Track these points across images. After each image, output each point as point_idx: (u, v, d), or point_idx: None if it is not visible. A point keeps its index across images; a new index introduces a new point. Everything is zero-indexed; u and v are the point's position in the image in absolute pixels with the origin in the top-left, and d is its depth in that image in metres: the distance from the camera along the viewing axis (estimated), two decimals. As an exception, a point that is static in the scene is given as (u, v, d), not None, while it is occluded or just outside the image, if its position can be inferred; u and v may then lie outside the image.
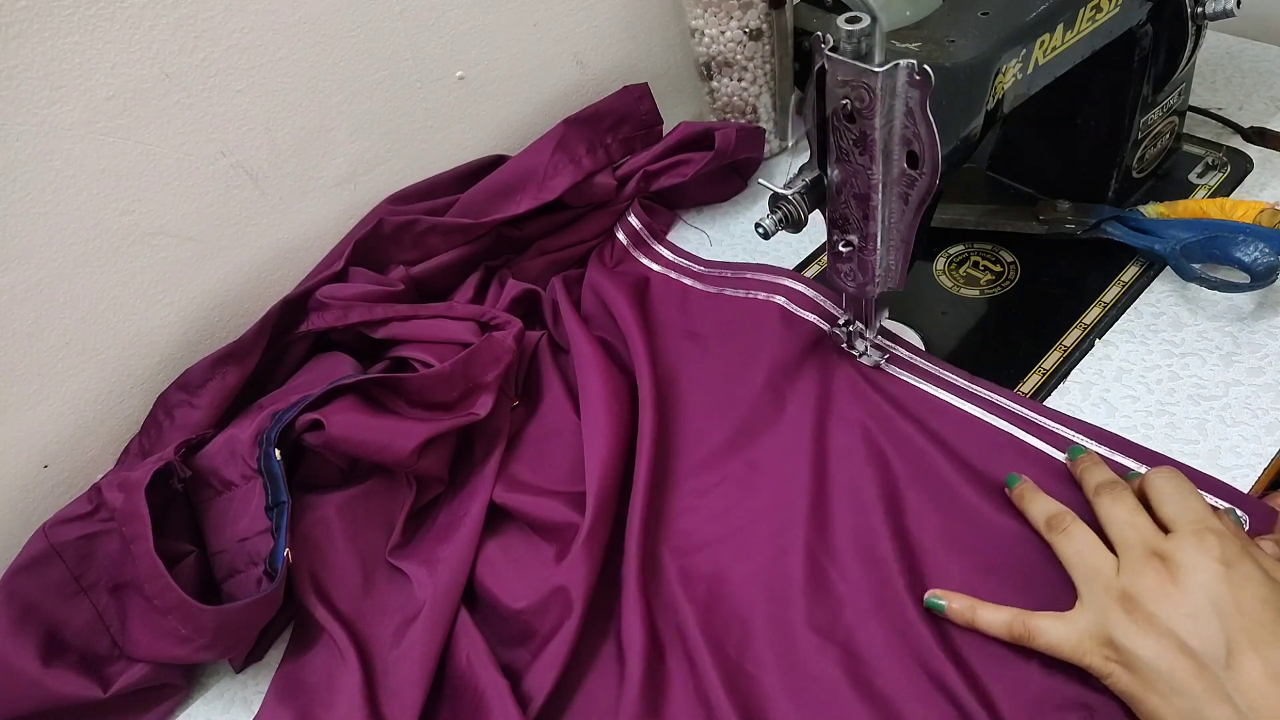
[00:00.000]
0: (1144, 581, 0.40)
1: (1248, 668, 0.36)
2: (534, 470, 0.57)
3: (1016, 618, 0.43)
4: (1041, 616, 0.43)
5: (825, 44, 0.45)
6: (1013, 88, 0.50)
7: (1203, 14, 0.57)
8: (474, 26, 0.68)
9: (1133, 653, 0.39)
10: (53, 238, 0.54)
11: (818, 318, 0.62)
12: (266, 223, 0.63)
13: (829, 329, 0.60)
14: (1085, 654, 0.41)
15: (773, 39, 0.72)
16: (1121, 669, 0.39)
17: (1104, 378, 0.56)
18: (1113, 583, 0.41)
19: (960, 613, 0.45)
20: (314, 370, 0.61)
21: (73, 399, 0.58)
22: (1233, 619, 0.37)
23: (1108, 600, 0.41)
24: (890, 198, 0.48)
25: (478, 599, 0.52)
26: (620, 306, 0.63)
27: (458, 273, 0.67)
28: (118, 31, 0.52)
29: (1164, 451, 0.51)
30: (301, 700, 0.49)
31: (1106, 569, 0.42)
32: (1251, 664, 0.36)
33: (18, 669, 0.47)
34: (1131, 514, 0.43)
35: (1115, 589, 0.41)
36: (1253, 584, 0.38)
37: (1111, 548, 0.43)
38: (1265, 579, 0.39)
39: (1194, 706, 0.37)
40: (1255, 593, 0.38)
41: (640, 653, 0.46)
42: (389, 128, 0.67)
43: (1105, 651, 0.40)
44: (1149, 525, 0.42)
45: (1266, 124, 0.70)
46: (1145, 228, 0.61)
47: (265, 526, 0.51)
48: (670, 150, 0.72)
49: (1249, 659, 0.36)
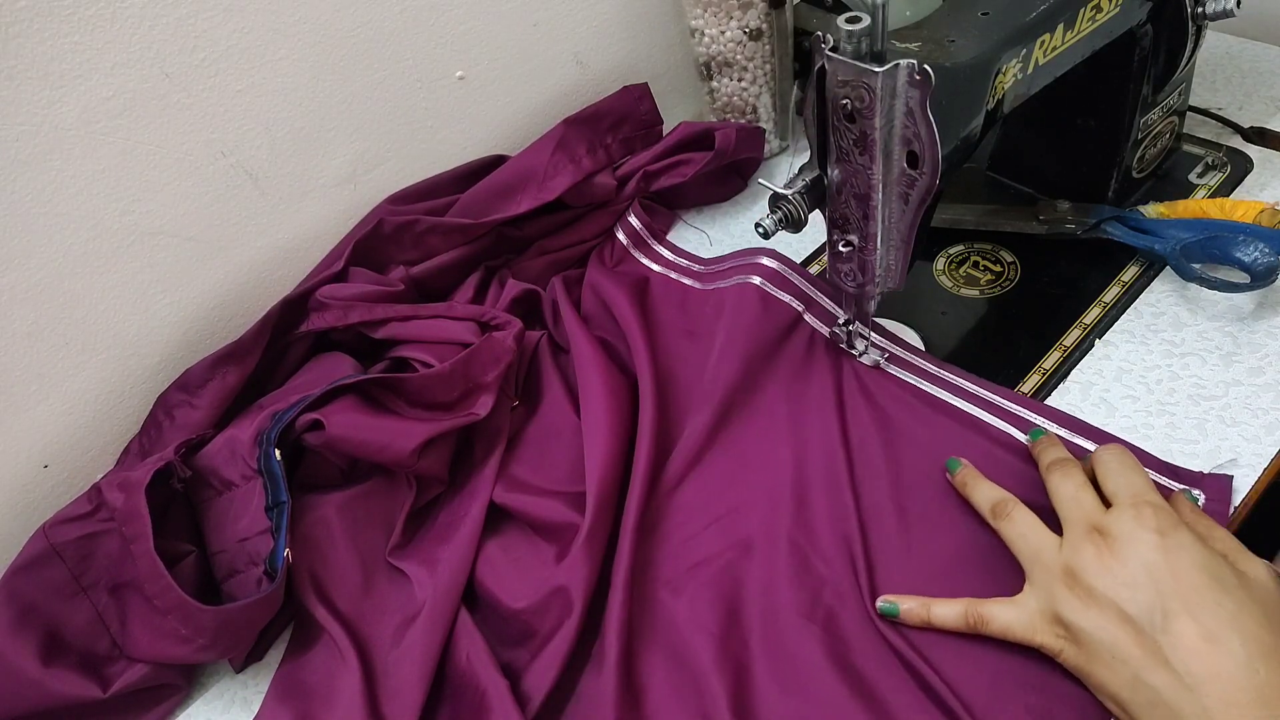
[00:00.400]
0: (1084, 556, 0.41)
1: (1182, 630, 0.37)
2: (534, 470, 0.57)
3: (969, 608, 0.44)
4: (992, 603, 0.44)
5: (825, 44, 0.45)
6: (1013, 88, 0.50)
7: (1203, 14, 0.57)
8: (474, 26, 0.68)
9: (1078, 627, 0.40)
10: (52, 238, 0.54)
11: (791, 297, 0.62)
12: (266, 223, 0.63)
13: (829, 330, 0.60)
14: (1036, 634, 0.42)
15: (773, 39, 0.72)
16: (1070, 644, 0.41)
17: (1104, 378, 0.56)
18: (1056, 560, 0.42)
19: (914, 612, 0.45)
20: (314, 370, 0.61)
21: (73, 399, 0.58)
22: (1168, 585, 0.38)
23: (1052, 578, 0.42)
24: (890, 198, 0.48)
25: (478, 599, 0.52)
26: (621, 306, 0.63)
27: (458, 273, 0.67)
28: (118, 31, 0.52)
29: (1164, 452, 0.51)
30: (301, 700, 0.49)
31: (1049, 548, 0.43)
32: (1186, 626, 0.37)
33: (18, 669, 0.47)
34: (1077, 490, 0.44)
35: (1058, 566, 0.42)
36: (1187, 551, 0.39)
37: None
38: (1200, 546, 0.40)
39: (1134, 673, 0.38)
40: (1190, 559, 0.39)
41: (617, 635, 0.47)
42: (389, 128, 0.67)
43: (1055, 629, 0.41)
44: (1093, 501, 0.44)
45: (1266, 124, 0.70)
46: (1145, 228, 0.61)
47: (265, 526, 0.51)
48: (670, 150, 0.72)
49: (1183, 622, 0.37)
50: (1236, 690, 0.36)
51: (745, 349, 0.59)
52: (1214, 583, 0.38)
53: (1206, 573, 0.39)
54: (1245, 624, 0.37)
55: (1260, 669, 0.36)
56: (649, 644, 0.48)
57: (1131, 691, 0.38)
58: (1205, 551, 0.40)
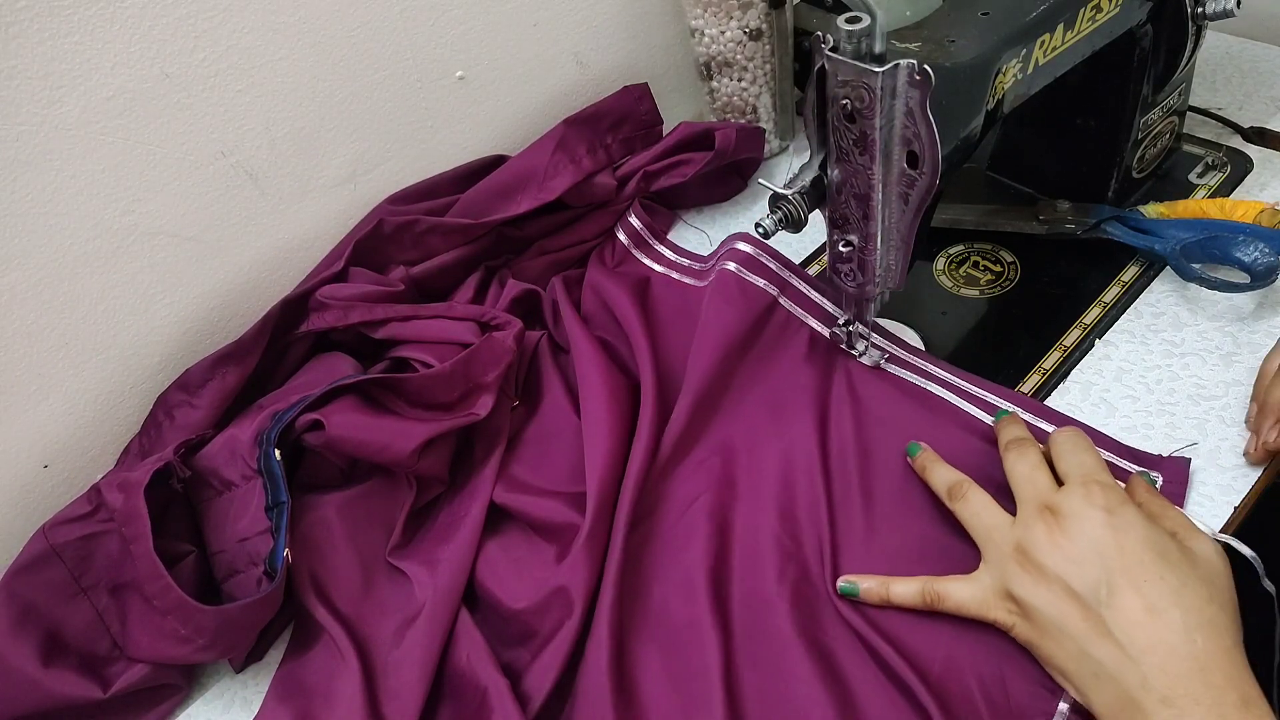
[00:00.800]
0: (1035, 534, 0.42)
1: (1126, 603, 0.38)
2: (534, 470, 0.57)
3: (926, 585, 0.45)
4: (948, 580, 0.45)
5: (825, 44, 0.45)
6: (1013, 88, 0.50)
7: (1203, 14, 0.57)
8: (474, 26, 0.68)
9: (1028, 603, 0.41)
10: (53, 238, 0.54)
11: (766, 282, 0.61)
12: (266, 223, 0.63)
13: (829, 331, 0.60)
14: (989, 609, 0.43)
15: (773, 39, 0.72)
16: (1021, 619, 0.42)
17: (1104, 378, 0.56)
18: (1008, 538, 0.43)
19: (874, 591, 0.47)
20: (314, 370, 0.61)
21: (73, 399, 0.58)
22: (1114, 560, 0.40)
23: (1005, 556, 0.43)
24: (890, 198, 0.48)
25: (478, 599, 0.52)
26: (622, 306, 0.63)
27: (458, 273, 0.67)
28: (118, 31, 0.52)
29: (1164, 451, 0.51)
30: (301, 701, 0.49)
31: (1002, 527, 0.44)
32: (1130, 599, 0.38)
33: (18, 669, 0.47)
34: (1031, 469, 0.46)
35: (1010, 544, 0.43)
36: (1134, 528, 0.40)
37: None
38: (1146, 523, 0.41)
39: (1080, 646, 0.39)
40: (1135, 536, 0.40)
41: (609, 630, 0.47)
42: (389, 128, 0.67)
43: (1008, 605, 0.43)
44: (1046, 480, 0.45)
45: (1266, 124, 0.70)
46: (1145, 228, 0.61)
47: (265, 527, 0.51)
48: (670, 150, 0.72)
49: (1128, 595, 0.39)
50: (1175, 659, 0.37)
51: (720, 335, 0.59)
52: (1158, 558, 0.39)
53: (1151, 549, 0.40)
54: (1187, 597, 0.38)
55: (1199, 639, 0.37)
56: (642, 637, 0.48)
57: (1077, 663, 0.39)
58: (1151, 529, 0.41)
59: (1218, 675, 0.37)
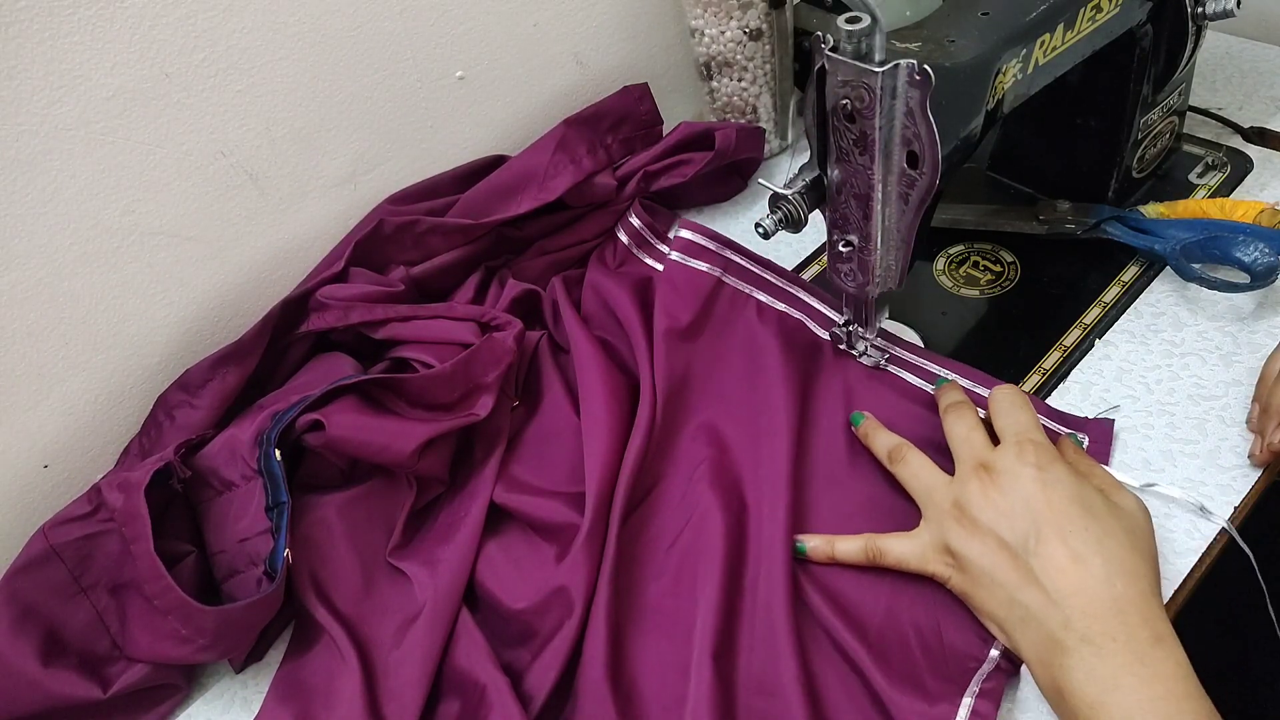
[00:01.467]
0: (970, 490, 0.45)
1: (1052, 551, 0.41)
2: (534, 471, 0.57)
3: (868, 541, 0.48)
4: (889, 537, 0.48)
5: (825, 44, 0.45)
6: (1013, 88, 0.50)
7: (1203, 14, 0.57)
8: (474, 26, 0.68)
9: (963, 555, 0.44)
10: (53, 238, 0.54)
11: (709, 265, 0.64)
12: (266, 223, 0.63)
13: (828, 332, 0.60)
14: (928, 563, 0.46)
15: (773, 39, 0.72)
16: (956, 571, 0.45)
17: (1104, 378, 0.56)
18: (946, 496, 0.46)
19: (820, 549, 0.49)
20: (314, 371, 0.61)
21: (73, 399, 0.58)
22: (1042, 513, 0.42)
23: (942, 512, 0.45)
24: (890, 198, 0.48)
25: (478, 599, 0.52)
26: (623, 306, 0.63)
27: (458, 273, 0.67)
28: (118, 31, 0.52)
29: (1164, 451, 0.51)
30: (302, 701, 0.49)
31: (940, 486, 0.47)
32: (1055, 548, 0.41)
33: (18, 669, 0.47)
34: (968, 430, 0.48)
35: (948, 501, 0.45)
36: (1062, 484, 0.43)
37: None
38: (1074, 479, 0.44)
39: (1009, 593, 0.42)
40: (1063, 491, 0.43)
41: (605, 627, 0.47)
42: (389, 128, 0.67)
43: (945, 558, 0.45)
44: (982, 440, 0.47)
45: (1266, 124, 0.70)
46: (1145, 228, 0.61)
47: (265, 527, 0.51)
48: (670, 150, 0.72)
49: (1054, 544, 0.41)
50: (1095, 602, 0.40)
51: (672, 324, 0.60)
52: (1084, 511, 0.42)
53: (1078, 502, 0.42)
54: (1108, 546, 0.41)
55: (1118, 583, 0.40)
56: (639, 631, 0.49)
57: (1007, 610, 0.42)
58: (1079, 484, 0.43)
59: (1134, 616, 0.39)
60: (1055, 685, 0.40)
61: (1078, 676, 0.39)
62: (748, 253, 0.64)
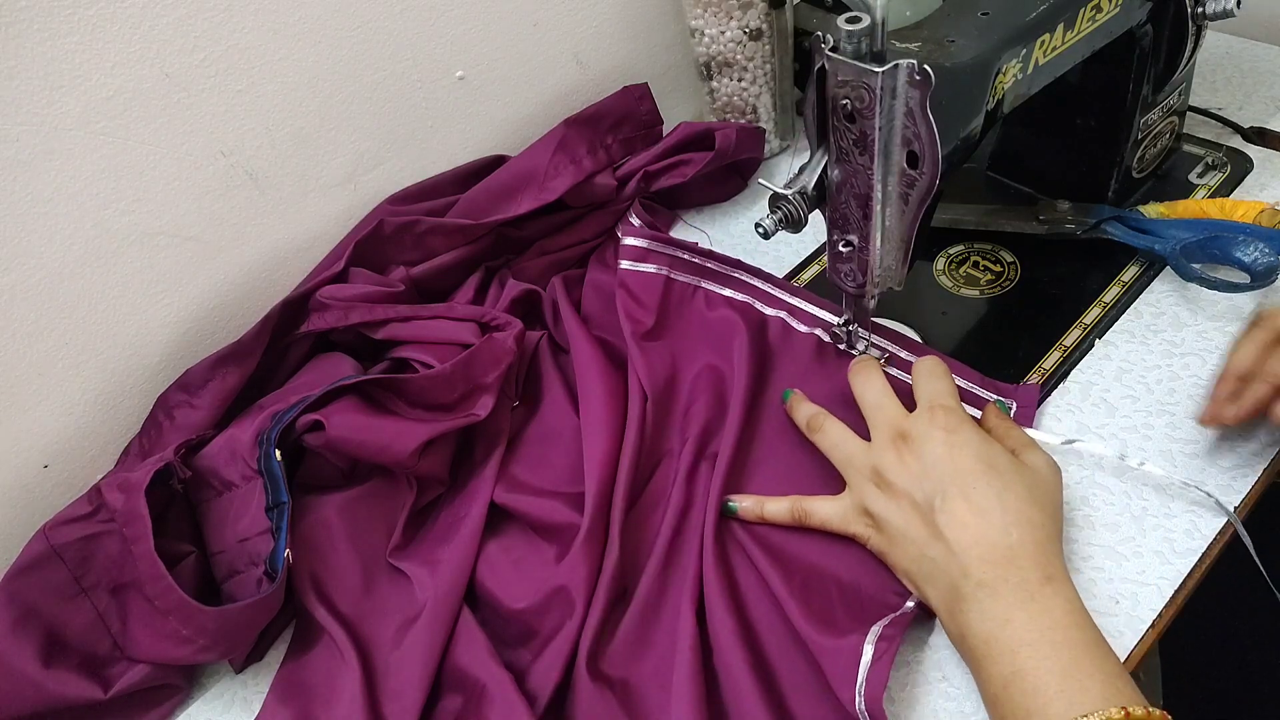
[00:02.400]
0: (887, 457, 0.47)
1: (955, 506, 0.44)
2: (534, 471, 0.57)
3: (795, 503, 0.50)
4: (814, 499, 0.50)
5: (825, 44, 0.45)
6: (1013, 88, 0.50)
7: (1203, 14, 0.57)
8: (474, 26, 0.68)
9: (880, 515, 0.47)
10: (53, 238, 0.54)
11: (656, 266, 0.65)
12: (266, 223, 0.63)
13: (828, 332, 0.60)
14: (850, 524, 0.49)
15: (773, 39, 0.72)
16: (875, 532, 0.47)
17: (1104, 378, 0.56)
18: (865, 462, 0.48)
19: (750, 510, 0.51)
20: (314, 371, 0.61)
21: (73, 399, 0.58)
22: (948, 473, 0.45)
23: (863, 478, 0.48)
24: (890, 198, 0.48)
25: (478, 599, 0.52)
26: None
27: (458, 273, 0.67)
28: (118, 31, 0.52)
29: (1164, 451, 0.51)
30: (302, 701, 0.49)
31: (859, 453, 0.49)
32: (958, 504, 0.44)
33: (18, 670, 0.47)
34: (879, 397, 0.51)
35: (867, 467, 0.48)
36: (969, 445, 0.46)
37: None
38: (981, 440, 0.46)
39: (919, 549, 0.44)
40: (970, 451, 0.46)
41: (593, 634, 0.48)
42: (389, 128, 0.67)
43: (865, 520, 0.48)
44: (895, 406, 0.50)
45: (1266, 124, 0.70)
46: (1145, 228, 0.61)
47: (265, 527, 0.51)
48: (670, 150, 0.72)
49: (957, 500, 0.44)
50: (992, 551, 0.42)
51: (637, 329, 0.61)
52: (987, 468, 0.45)
53: (982, 460, 0.45)
54: (1008, 499, 0.44)
55: (1014, 533, 0.43)
56: (637, 626, 0.49)
57: (918, 564, 0.45)
58: (985, 444, 0.46)
59: (1026, 560, 0.42)
60: (959, 631, 0.42)
61: (973, 617, 0.41)
62: (688, 246, 0.66)
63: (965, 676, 0.45)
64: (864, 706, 0.42)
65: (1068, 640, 0.39)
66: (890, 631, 0.45)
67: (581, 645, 0.47)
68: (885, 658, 0.43)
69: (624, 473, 0.53)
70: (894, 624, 0.45)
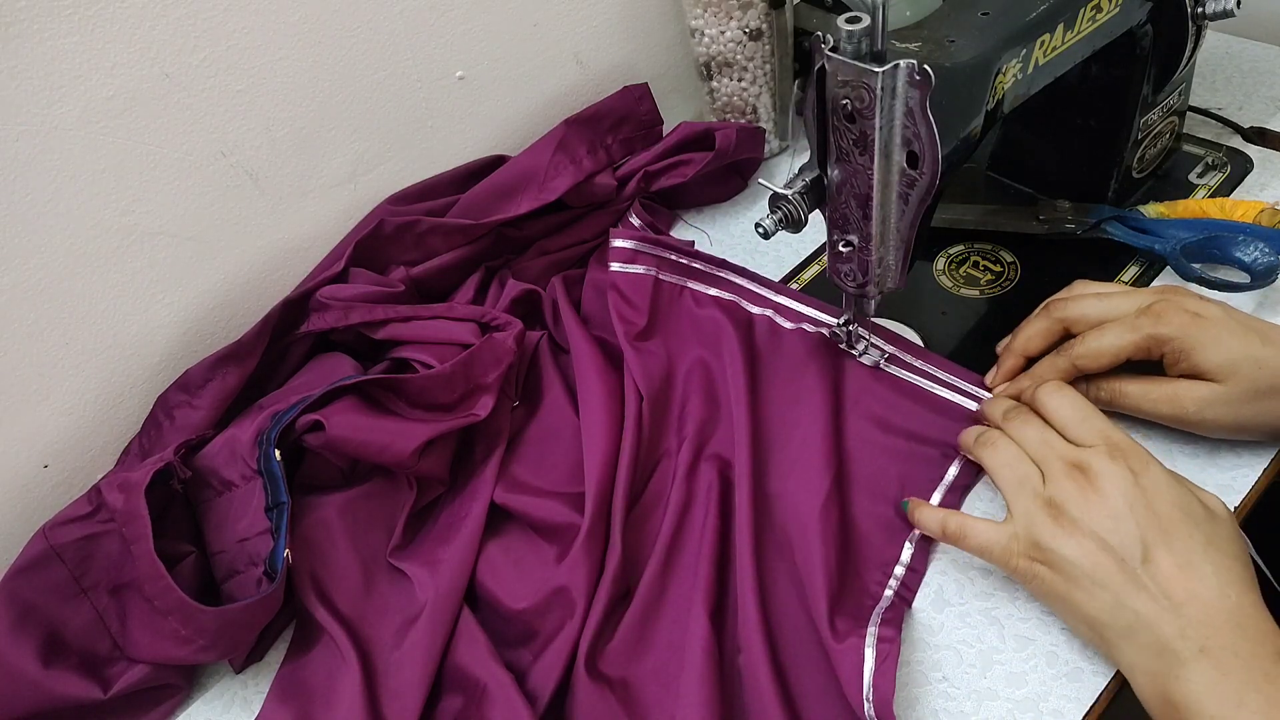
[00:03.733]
0: (1067, 490, 0.43)
1: (1161, 560, 0.40)
2: (534, 471, 0.57)
3: (950, 518, 0.47)
4: (974, 520, 0.47)
5: (825, 44, 0.45)
6: (1013, 88, 0.50)
7: (1203, 14, 0.57)
8: (474, 26, 0.68)
9: (1059, 553, 0.42)
10: (53, 238, 0.54)
11: (645, 267, 0.65)
12: (266, 223, 0.63)
13: (828, 331, 0.60)
14: (1011, 556, 0.44)
15: (773, 39, 0.72)
16: (1046, 569, 0.43)
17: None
18: (1039, 491, 0.44)
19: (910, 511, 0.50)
20: (314, 371, 0.61)
21: (73, 399, 0.58)
22: (1146, 520, 0.41)
23: (1035, 508, 0.44)
24: (890, 198, 0.48)
25: (479, 600, 0.52)
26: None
27: (458, 273, 0.67)
28: (118, 31, 0.52)
29: (1164, 451, 0.51)
30: (302, 701, 0.49)
31: (1033, 479, 0.45)
32: (1164, 557, 0.40)
33: (18, 670, 0.47)
34: (1043, 432, 0.47)
35: (1043, 496, 0.44)
36: (1162, 489, 0.42)
37: None
38: (1173, 483, 0.43)
39: (1115, 598, 0.40)
40: (1166, 496, 0.42)
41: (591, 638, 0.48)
42: (389, 128, 0.67)
43: (1031, 553, 0.44)
44: (1062, 441, 0.46)
45: (1266, 124, 0.70)
46: (1145, 228, 0.61)
47: (265, 527, 0.51)
48: (670, 150, 0.72)
49: (1162, 553, 0.40)
50: (1210, 612, 0.38)
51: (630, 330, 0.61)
52: (1186, 517, 0.41)
53: (1179, 508, 0.41)
54: (1215, 555, 0.40)
55: (1231, 594, 0.39)
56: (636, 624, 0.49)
57: (1111, 615, 0.41)
58: (1178, 488, 0.42)
59: (1253, 630, 0.38)
60: (1167, 697, 0.38)
61: (1196, 689, 0.37)
62: (675, 245, 0.66)
63: (965, 676, 0.45)
64: (873, 713, 0.42)
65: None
66: (888, 633, 0.44)
67: (581, 645, 0.47)
68: (889, 661, 0.43)
69: (623, 473, 0.53)
70: (889, 623, 0.45)
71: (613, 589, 0.49)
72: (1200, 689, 0.37)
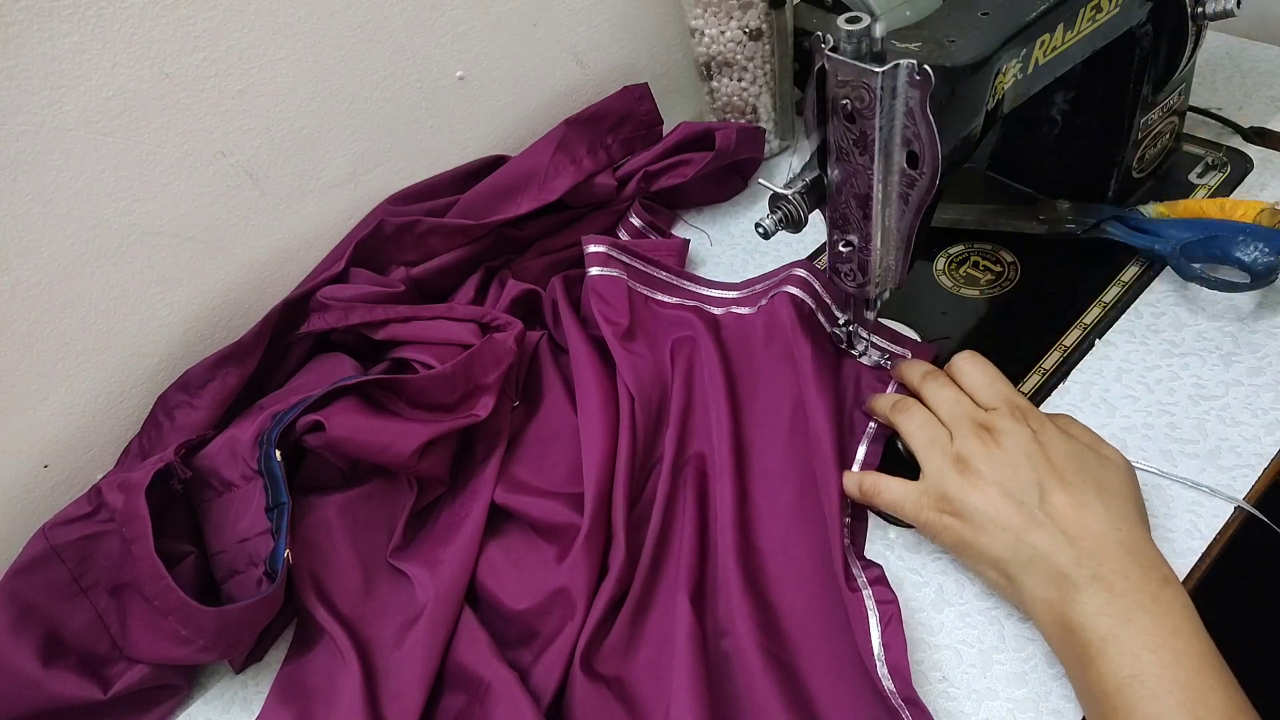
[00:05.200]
0: (972, 447, 0.47)
1: (1056, 500, 0.44)
2: (535, 471, 0.57)
3: (864, 478, 0.51)
4: (886, 478, 0.50)
5: (825, 44, 0.45)
6: (1013, 88, 0.50)
7: (1203, 14, 0.57)
8: (474, 26, 0.68)
9: (965, 502, 0.46)
10: (53, 237, 0.54)
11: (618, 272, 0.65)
12: (266, 223, 0.63)
13: (829, 329, 0.60)
14: (922, 509, 0.48)
15: (773, 39, 0.72)
16: (954, 519, 0.47)
17: (1104, 378, 0.56)
18: (948, 450, 0.48)
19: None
20: (314, 371, 0.61)
21: (73, 399, 0.58)
22: (1043, 467, 0.45)
23: (944, 464, 0.48)
24: (890, 198, 0.48)
25: (479, 600, 0.52)
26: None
27: (458, 274, 0.67)
28: (118, 31, 0.52)
29: (1164, 451, 0.51)
30: (302, 702, 0.49)
31: (942, 439, 0.49)
32: (1059, 498, 0.44)
33: (18, 670, 0.47)
34: (958, 394, 0.51)
35: (950, 454, 0.48)
36: (1057, 442, 0.46)
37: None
38: (1066, 439, 0.47)
39: (1016, 536, 0.44)
40: (1060, 448, 0.46)
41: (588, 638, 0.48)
42: (389, 128, 0.67)
43: (940, 505, 0.47)
44: (971, 404, 0.50)
45: (1266, 124, 0.70)
46: (1145, 228, 0.61)
47: (265, 527, 0.51)
48: (670, 150, 0.72)
49: (1057, 494, 0.44)
50: (1102, 543, 0.42)
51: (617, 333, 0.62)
52: (1080, 466, 0.45)
53: (1073, 458, 0.45)
54: (1106, 496, 0.44)
55: (1123, 528, 0.42)
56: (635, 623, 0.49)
57: (1013, 551, 0.44)
58: (1071, 442, 0.47)
59: (1141, 557, 0.41)
60: (1063, 620, 0.41)
61: (1089, 610, 0.40)
62: (637, 253, 0.66)
63: (965, 676, 0.45)
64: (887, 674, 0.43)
65: (1190, 649, 0.38)
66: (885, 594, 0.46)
67: (579, 645, 0.47)
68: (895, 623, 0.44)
69: (622, 473, 0.53)
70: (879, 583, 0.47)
71: (615, 590, 0.49)
72: (1093, 609, 0.40)
